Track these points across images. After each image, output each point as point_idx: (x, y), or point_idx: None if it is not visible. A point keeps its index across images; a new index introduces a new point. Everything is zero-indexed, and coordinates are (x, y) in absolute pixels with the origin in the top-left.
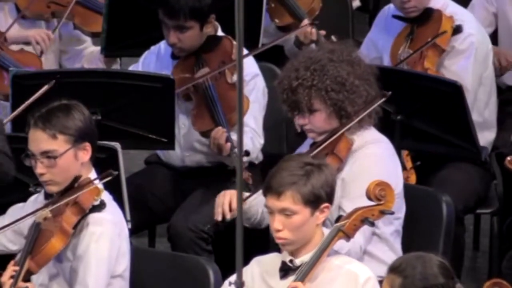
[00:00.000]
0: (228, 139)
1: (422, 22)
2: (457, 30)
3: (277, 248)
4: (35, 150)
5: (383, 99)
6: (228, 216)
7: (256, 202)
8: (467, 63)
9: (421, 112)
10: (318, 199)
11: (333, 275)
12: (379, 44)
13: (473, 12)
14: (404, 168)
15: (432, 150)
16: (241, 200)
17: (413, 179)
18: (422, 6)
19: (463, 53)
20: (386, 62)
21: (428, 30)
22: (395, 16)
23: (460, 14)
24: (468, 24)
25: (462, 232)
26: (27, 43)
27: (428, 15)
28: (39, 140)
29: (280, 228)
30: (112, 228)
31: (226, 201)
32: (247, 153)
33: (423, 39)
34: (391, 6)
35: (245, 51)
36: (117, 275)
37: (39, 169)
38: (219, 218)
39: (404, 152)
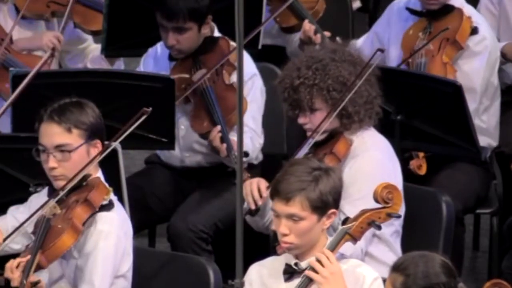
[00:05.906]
0: (223, 140)
1: (439, 17)
2: (474, 31)
3: (276, 252)
4: (48, 143)
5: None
6: (260, 202)
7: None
8: (480, 66)
9: (421, 112)
10: (325, 205)
11: None
12: (385, 38)
13: None
14: (416, 156)
15: (432, 150)
16: (241, 202)
17: (424, 168)
18: (444, 0)
19: (477, 55)
20: (396, 55)
21: (448, 25)
22: (409, 9)
23: (475, 17)
24: (483, 28)
25: (462, 232)
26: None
27: (447, 11)
28: (54, 133)
29: (287, 233)
30: (119, 228)
31: (254, 188)
32: (246, 154)
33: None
34: (400, 1)
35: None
36: (120, 275)
37: (51, 163)
38: (253, 206)
39: None
